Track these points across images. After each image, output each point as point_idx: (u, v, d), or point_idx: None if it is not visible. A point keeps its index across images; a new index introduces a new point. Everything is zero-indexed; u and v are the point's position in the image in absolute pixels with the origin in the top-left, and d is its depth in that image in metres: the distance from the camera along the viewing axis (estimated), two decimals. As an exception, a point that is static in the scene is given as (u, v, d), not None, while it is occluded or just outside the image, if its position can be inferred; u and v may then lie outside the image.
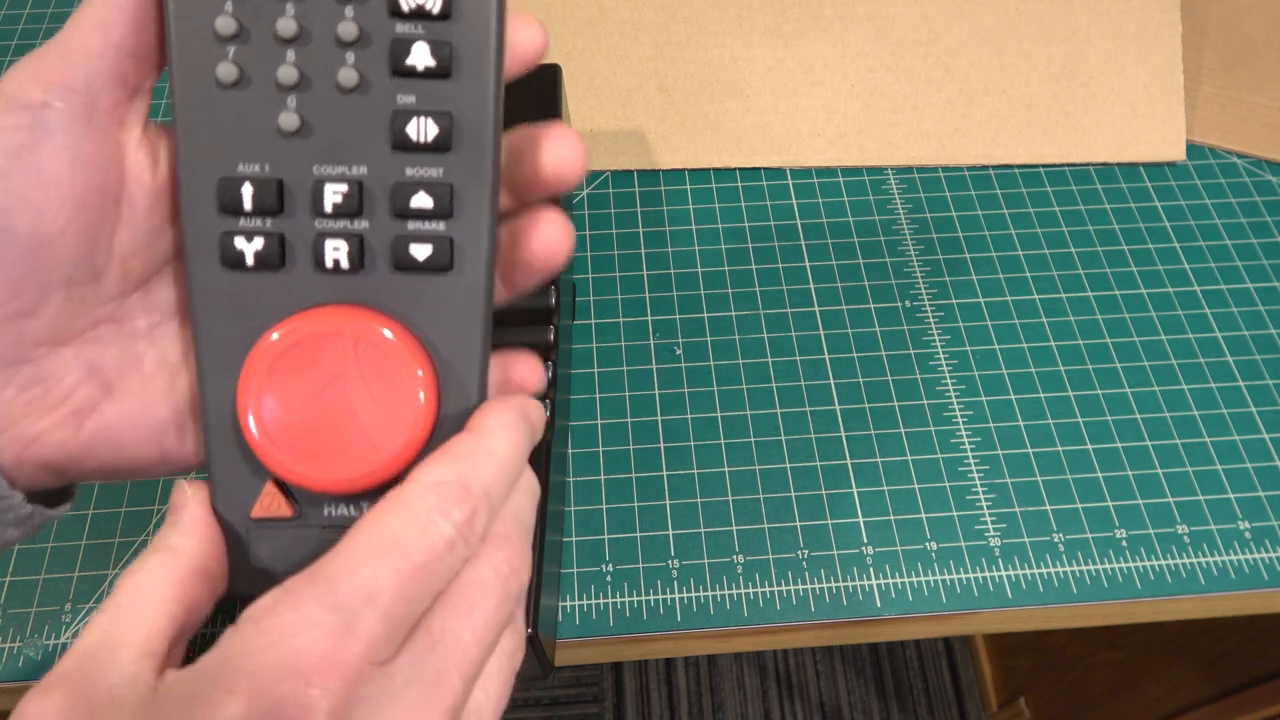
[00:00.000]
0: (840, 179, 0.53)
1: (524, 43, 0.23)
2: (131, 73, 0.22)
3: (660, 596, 0.40)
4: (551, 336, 0.39)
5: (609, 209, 0.51)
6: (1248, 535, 0.42)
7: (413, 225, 0.22)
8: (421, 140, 0.22)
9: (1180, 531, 0.42)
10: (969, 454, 0.44)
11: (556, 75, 0.47)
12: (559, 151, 0.23)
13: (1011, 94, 0.53)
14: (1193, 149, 0.54)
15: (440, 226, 0.22)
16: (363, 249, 0.22)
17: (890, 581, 0.41)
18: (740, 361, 0.46)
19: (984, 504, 0.42)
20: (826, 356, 0.46)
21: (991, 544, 0.41)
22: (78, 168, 0.21)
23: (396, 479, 0.22)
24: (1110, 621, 0.42)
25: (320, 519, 0.23)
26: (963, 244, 0.50)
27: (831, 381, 0.46)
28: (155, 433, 0.24)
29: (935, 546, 0.41)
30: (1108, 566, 0.41)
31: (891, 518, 0.42)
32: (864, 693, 1.19)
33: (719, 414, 0.45)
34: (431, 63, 0.21)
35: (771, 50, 0.54)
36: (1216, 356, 0.46)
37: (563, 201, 0.44)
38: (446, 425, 0.23)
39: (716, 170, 0.53)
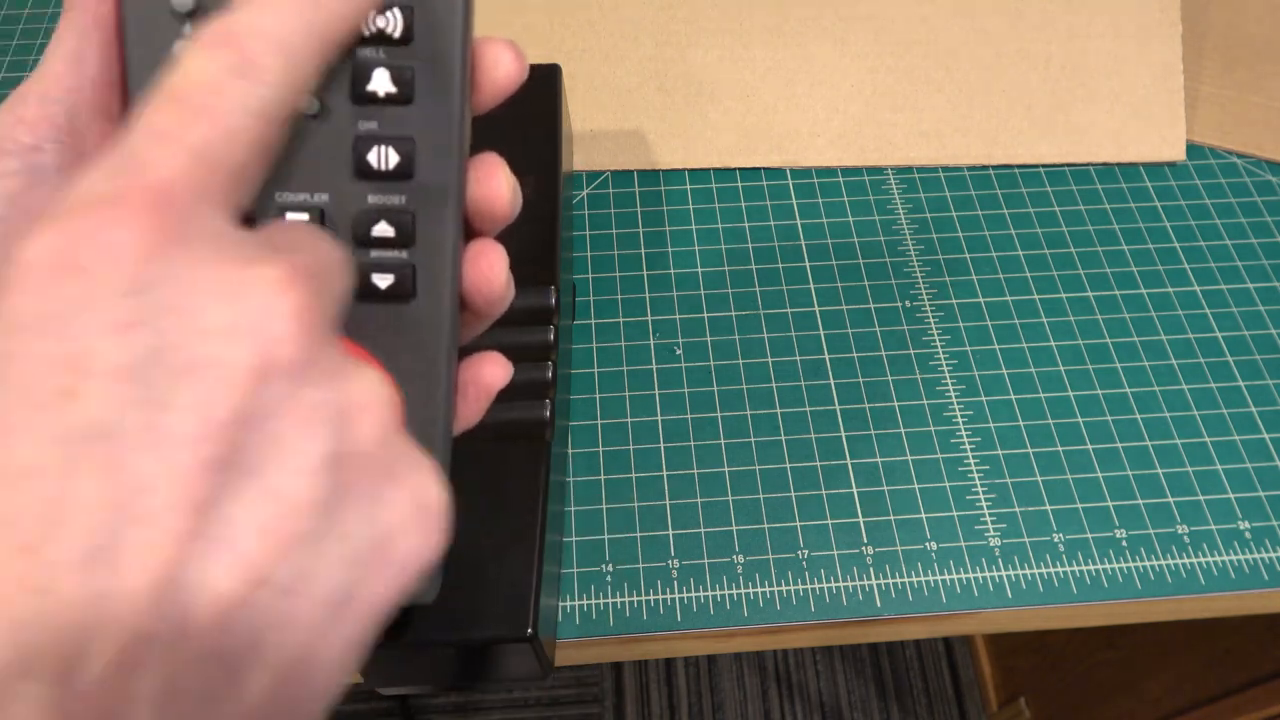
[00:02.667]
0: (840, 179, 0.53)
1: (498, 68, 0.22)
2: (113, 103, 0.22)
3: (660, 596, 0.40)
4: (551, 336, 0.39)
5: (609, 209, 0.51)
6: (1248, 535, 0.42)
7: (375, 254, 0.22)
8: (383, 168, 0.21)
9: (1180, 531, 0.42)
10: (969, 454, 0.44)
11: (556, 75, 0.47)
12: (487, 186, 0.23)
13: (1011, 94, 0.53)
14: (1193, 149, 0.54)
15: (403, 255, 0.22)
16: None
17: (890, 581, 0.41)
18: (740, 361, 0.46)
19: (984, 504, 0.42)
20: (826, 356, 0.46)
21: (991, 544, 0.41)
22: None
23: None
24: (1110, 621, 0.42)
25: None
26: (963, 244, 0.50)
27: (831, 381, 0.46)
28: None
29: (935, 546, 0.41)
30: (1108, 566, 0.41)
31: (891, 518, 0.42)
32: (864, 693, 1.19)
33: (719, 414, 0.45)
34: (392, 89, 0.21)
35: (771, 50, 0.54)
36: (1216, 356, 0.46)
37: (564, 202, 0.44)
38: None
39: (716, 170, 0.53)
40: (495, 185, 0.23)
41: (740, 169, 0.53)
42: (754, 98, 0.53)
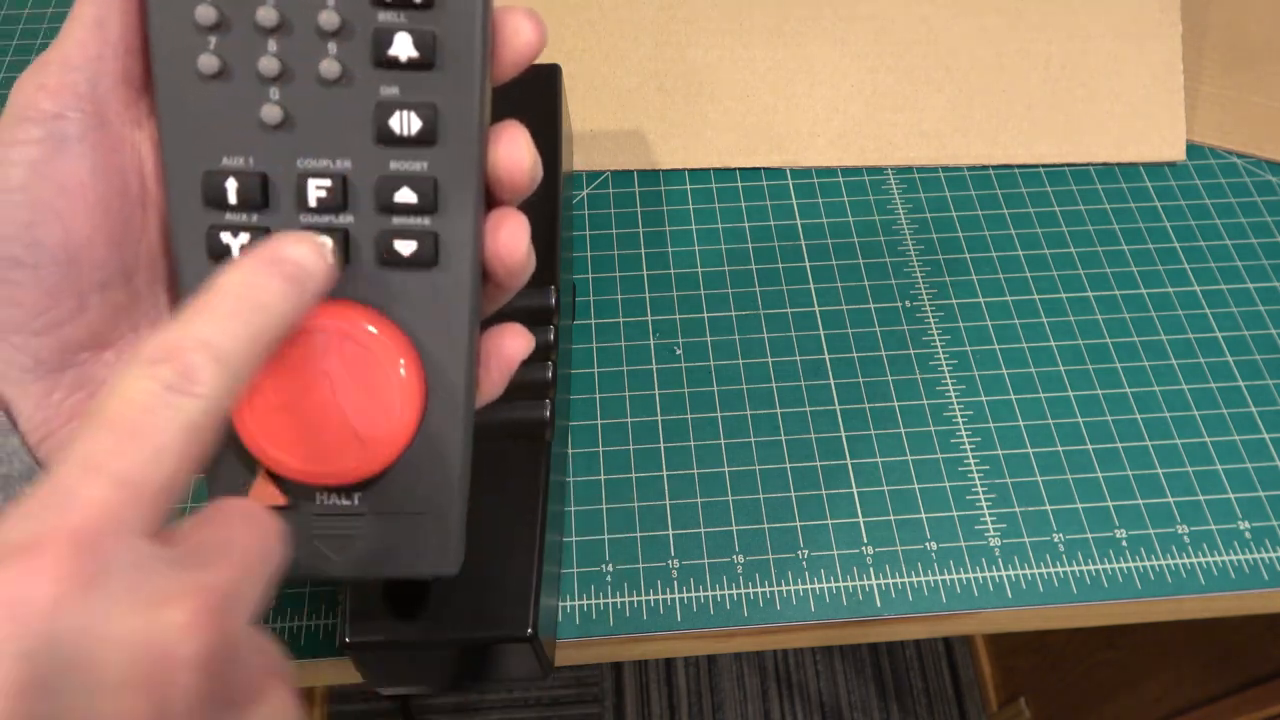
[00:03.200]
0: (840, 179, 0.53)
1: (519, 37, 0.22)
2: (135, 70, 0.22)
3: (660, 596, 0.40)
4: (551, 336, 0.39)
5: (609, 209, 0.51)
6: (1248, 535, 0.42)
7: (397, 220, 0.22)
8: (405, 134, 0.21)
9: (1180, 531, 0.42)
10: (969, 454, 0.44)
11: (556, 75, 0.47)
12: (508, 153, 0.23)
13: (1011, 94, 0.53)
14: (1193, 149, 0.54)
15: (425, 221, 0.22)
16: (348, 244, 0.22)
17: (890, 581, 0.41)
18: (740, 361, 0.46)
19: (984, 504, 0.42)
20: (826, 356, 0.46)
21: (991, 544, 0.41)
22: (98, 174, 0.21)
23: (384, 471, 0.22)
24: (1110, 621, 0.42)
25: (312, 507, 0.23)
26: (963, 244, 0.50)
27: (831, 381, 0.46)
28: None
29: (935, 546, 0.41)
30: (1108, 566, 0.41)
31: (891, 518, 0.42)
32: (864, 693, 1.19)
33: (719, 414, 0.45)
34: (414, 54, 0.21)
35: (771, 50, 0.54)
36: (1216, 356, 0.46)
37: (564, 202, 0.44)
38: (433, 419, 0.23)
39: (716, 170, 0.53)
40: (517, 153, 0.22)
41: (740, 169, 0.53)
42: (754, 98, 0.53)
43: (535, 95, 0.46)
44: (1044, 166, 0.53)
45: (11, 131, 0.21)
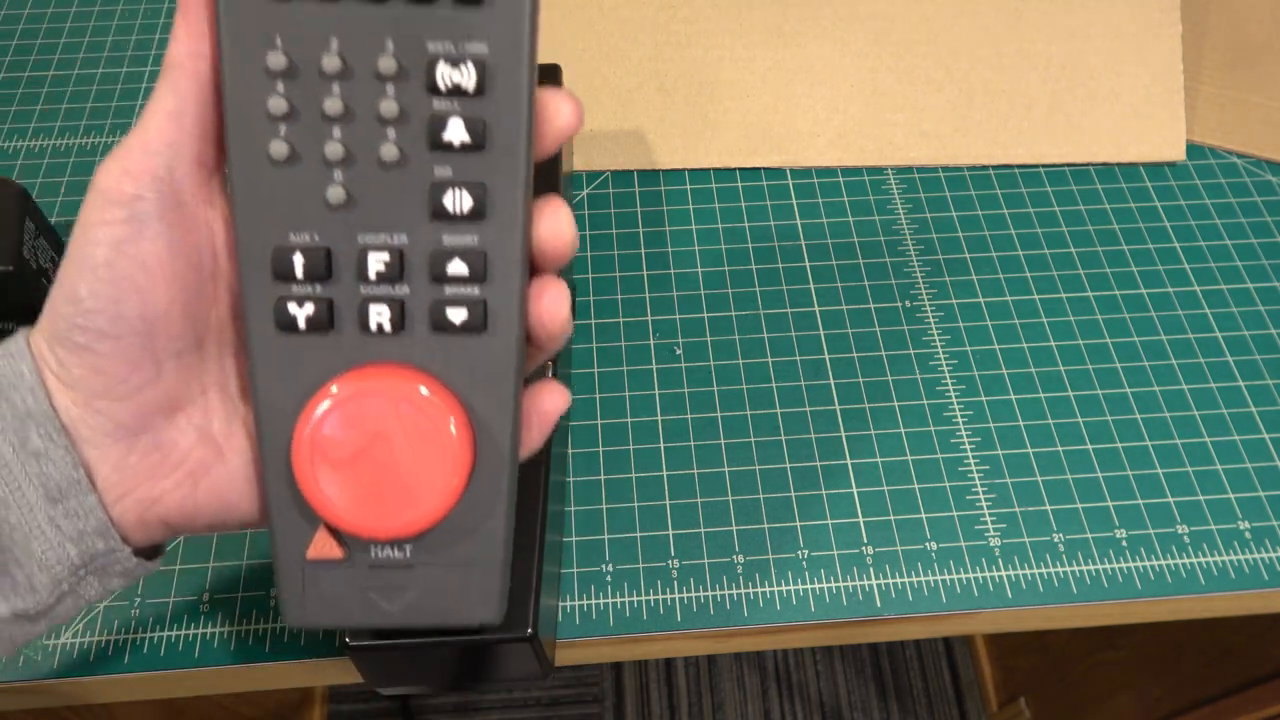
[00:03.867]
0: (840, 179, 0.53)
1: (560, 117, 0.24)
2: (208, 154, 0.24)
3: (660, 596, 0.40)
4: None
5: (609, 209, 0.51)
6: (1248, 535, 0.42)
7: (449, 290, 0.24)
8: (457, 211, 0.23)
9: (1180, 531, 0.42)
10: (969, 454, 0.44)
11: (556, 75, 0.47)
12: (550, 227, 0.24)
13: (1011, 94, 0.53)
14: (1193, 149, 0.54)
15: (475, 291, 0.24)
16: (404, 312, 0.24)
17: (890, 581, 0.41)
18: (740, 361, 0.46)
19: (984, 504, 0.42)
20: (826, 356, 0.46)
21: (991, 544, 0.41)
22: (174, 250, 0.23)
23: (435, 525, 0.24)
24: (1110, 621, 0.42)
25: (368, 559, 0.25)
26: (963, 244, 0.50)
27: (831, 381, 0.46)
28: (257, 489, 0.26)
29: (935, 546, 0.41)
30: (1108, 566, 0.41)
31: (891, 518, 0.42)
32: (864, 693, 1.19)
33: (719, 414, 0.45)
34: (466, 138, 0.23)
35: (771, 50, 0.54)
36: (1216, 356, 0.46)
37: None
38: (481, 475, 0.25)
39: (716, 170, 0.53)
40: (558, 227, 0.24)
41: (740, 169, 0.53)
42: (754, 98, 0.53)
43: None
44: (1044, 166, 0.53)
45: (99, 213, 0.23)
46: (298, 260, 0.23)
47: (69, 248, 0.23)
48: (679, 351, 0.46)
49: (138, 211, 0.23)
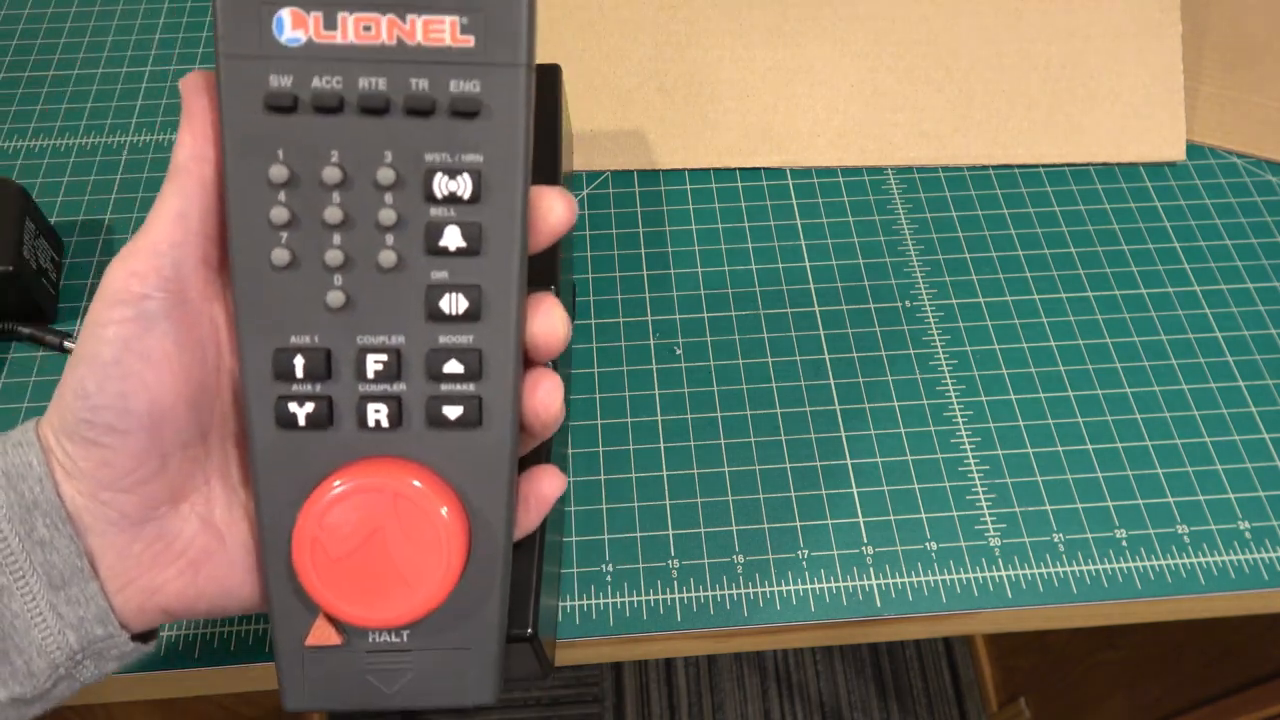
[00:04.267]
0: (840, 179, 0.53)
1: (553, 214, 0.25)
2: (213, 254, 0.24)
3: (660, 596, 0.40)
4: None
5: (609, 209, 0.51)
6: (1248, 535, 0.42)
7: (445, 387, 0.24)
8: (453, 312, 0.24)
9: (1180, 531, 0.42)
10: (969, 454, 0.44)
11: (556, 75, 0.47)
12: (543, 324, 0.25)
13: (1011, 94, 0.53)
14: (1193, 149, 0.54)
15: (470, 387, 0.24)
16: (401, 409, 0.24)
17: (890, 581, 0.41)
18: (740, 361, 0.46)
19: (984, 504, 0.42)
20: (826, 356, 0.46)
21: (991, 544, 0.41)
22: (181, 346, 0.24)
23: (432, 614, 0.25)
24: (1110, 621, 0.42)
25: (366, 644, 0.26)
26: (963, 244, 0.50)
27: (831, 381, 0.46)
28: (257, 574, 0.26)
29: (935, 546, 0.41)
30: (1108, 566, 0.41)
31: (891, 518, 0.42)
32: (864, 693, 1.19)
33: (719, 414, 0.45)
34: (463, 243, 0.23)
35: (771, 50, 0.54)
36: (1216, 356, 0.46)
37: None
38: (476, 564, 0.25)
39: (716, 170, 0.53)
40: (551, 324, 0.25)
41: (740, 169, 0.53)
42: (754, 98, 0.53)
43: (535, 95, 0.46)
44: (1044, 166, 0.53)
45: (107, 312, 0.23)
46: (298, 362, 0.24)
47: (78, 344, 0.24)
48: (679, 351, 0.46)
49: (145, 310, 0.23)
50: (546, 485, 0.27)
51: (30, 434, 0.25)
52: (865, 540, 0.41)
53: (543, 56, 0.53)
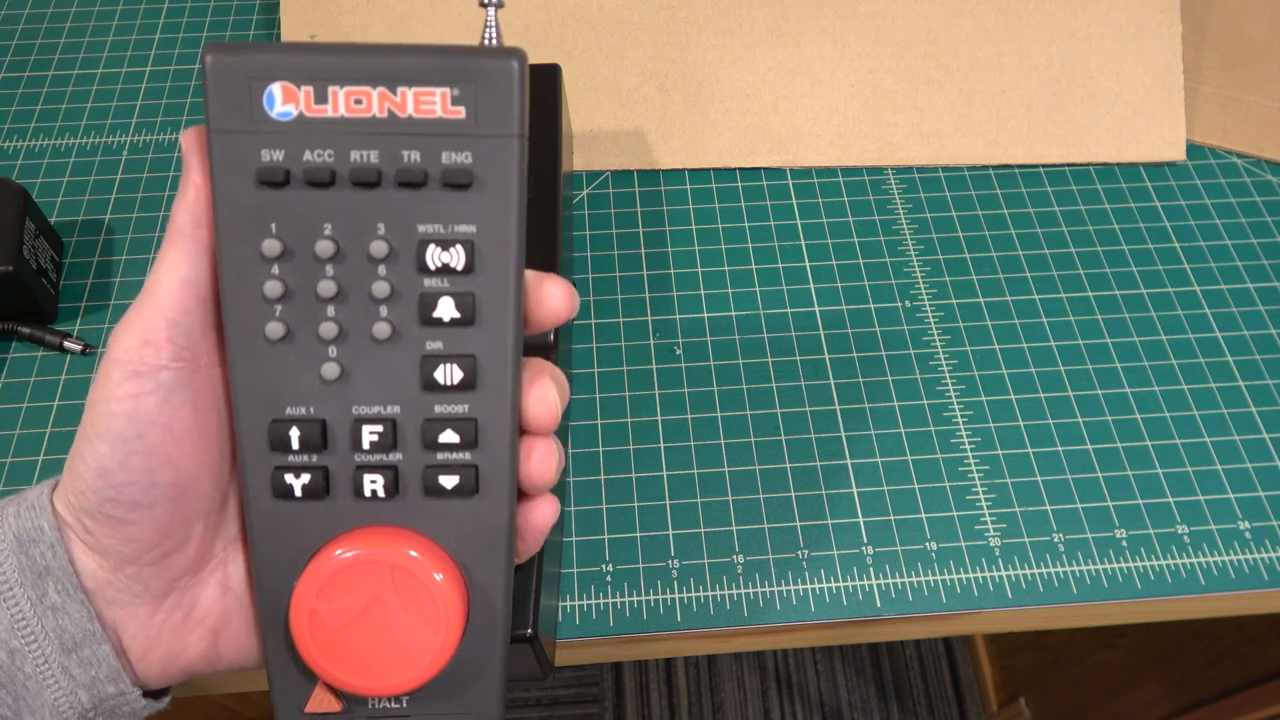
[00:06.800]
0: (840, 179, 0.53)
1: (552, 300, 0.25)
2: (219, 318, 0.24)
3: (660, 596, 0.40)
4: (551, 336, 0.39)
5: (609, 209, 0.51)
6: (1248, 535, 0.42)
7: (441, 456, 0.24)
8: (448, 382, 0.24)
9: (1180, 531, 0.42)
10: (969, 454, 0.44)
11: (556, 75, 0.47)
12: (538, 396, 0.25)
13: (1011, 94, 0.53)
14: (1193, 149, 0.54)
15: (466, 456, 0.24)
16: (397, 478, 0.24)
17: (890, 581, 0.41)
18: (740, 361, 0.46)
19: (984, 504, 0.42)
20: (826, 356, 0.46)
21: (991, 544, 0.41)
22: (199, 414, 0.24)
23: (432, 681, 0.25)
24: (1110, 621, 0.42)
25: (366, 711, 0.26)
26: (963, 244, 0.50)
27: (831, 381, 0.46)
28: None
29: (935, 546, 0.41)
30: (1108, 566, 0.41)
31: (891, 518, 0.42)
32: (864, 693, 1.19)
33: (719, 414, 0.45)
34: (456, 314, 0.24)
35: (771, 50, 0.54)
36: (1216, 356, 0.46)
37: (564, 202, 0.44)
38: (475, 630, 0.25)
39: (716, 170, 0.53)
40: (546, 395, 0.25)
41: (740, 169, 0.53)
42: (754, 98, 0.53)
43: (535, 95, 0.46)
44: (1044, 166, 0.53)
45: (122, 386, 0.23)
46: (294, 433, 0.24)
47: (87, 418, 0.23)
48: (679, 351, 0.46)
49: (163, 382, 0.23)
50: (540, 514, 0.27)
51: (44, 498, 0.24)
52: (865, 540, 0.41)
53: (543, 56, 0.53)
